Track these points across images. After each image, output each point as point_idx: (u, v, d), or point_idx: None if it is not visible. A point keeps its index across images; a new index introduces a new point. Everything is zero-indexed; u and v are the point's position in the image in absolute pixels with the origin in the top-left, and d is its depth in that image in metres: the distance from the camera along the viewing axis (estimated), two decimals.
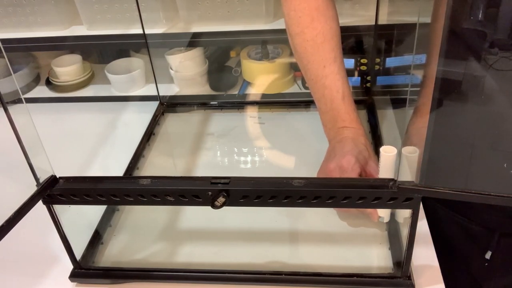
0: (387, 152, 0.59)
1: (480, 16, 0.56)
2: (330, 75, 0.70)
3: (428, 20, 0.66)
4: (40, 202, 0.55)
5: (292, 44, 0.73)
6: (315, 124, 0.76)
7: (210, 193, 0.53)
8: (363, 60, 0.97)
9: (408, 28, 0.88)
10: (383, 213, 0.66)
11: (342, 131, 0.70)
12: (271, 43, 1.04)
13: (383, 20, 0.90)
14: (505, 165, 0.55)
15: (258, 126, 0.94)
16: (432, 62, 0.59)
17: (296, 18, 0.70)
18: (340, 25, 0.73)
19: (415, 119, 0.61)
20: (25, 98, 0.52)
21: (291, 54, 1.02)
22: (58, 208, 0.58)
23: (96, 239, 0.70)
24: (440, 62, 0.57)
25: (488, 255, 0.73)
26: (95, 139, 0.96)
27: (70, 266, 0.65)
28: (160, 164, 0.87)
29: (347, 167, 0.65)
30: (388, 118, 0.91)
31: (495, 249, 0.73)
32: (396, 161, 0.60)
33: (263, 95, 1.04)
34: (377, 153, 0.77)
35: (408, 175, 0.60)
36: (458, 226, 0.75)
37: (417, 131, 0.57)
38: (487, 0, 0.56)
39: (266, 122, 0.95)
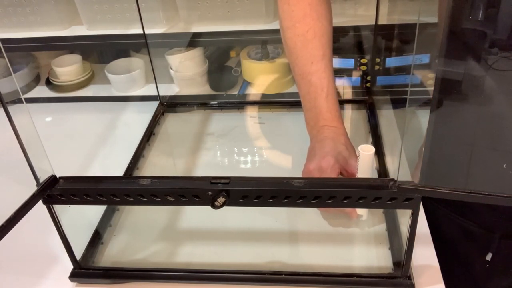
0: (365, 151, 0.60)
1: (480, 16, 0.56)
2: (317, 73, 0.70)
3: (428, 20, 0.67)
4: (40, 202, 0.55)
5: (283, 38, 0.73)
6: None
7: (210, 193, 0.53)
8: (363, 60, 0.97)
9: (408, 28, 0.88)
10: (362, 212, 0.67)
11: (323, 130, 0.70)
12: (271, 43, 1.04)
13: (383, 20, 0.90)
14: (504, 165, 0.55)
15: (258, 126, 0.94)
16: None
17: (289, 12, 0.70)
18: (340, 25, 0.73)
19: None
20: (25, 98, 0.52)
21: None
22: (58, 208, 0.58)
23: (96, 239, 0.70)
24: (441, 62, 0.57)
25: (489, 257, 0.73)
26: (95, 139, 0.96)
27: (70, 266, 0.65)
28: (160, 164, 0.87)
29: (326, 168, 0.65)
30: (388, 118, 0.91)
31: (496, 250, 0.72)
32: (374, 160, 0.60)
33: (263, 95, 1.04)
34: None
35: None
36: (459, 227, 0.75)
37: None
38: (487, 0, 0.56)
39: (266, 122, 0.95)
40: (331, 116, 0.70)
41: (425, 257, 0.63)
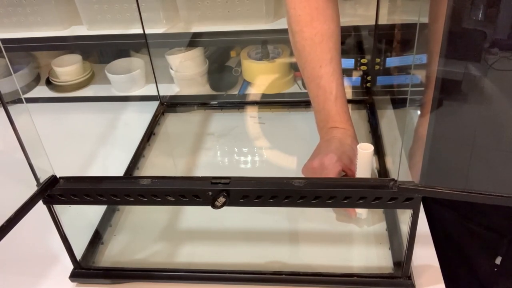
0: (364, 149, 0.60)
1: (480, 16, 0.56)
2: (325, 76, 0.71)
3: (428, 20, 0.67)
4: (40, 202, 0.55)
5: (292, 41, 0.74)
6: (315, 124, 0.76)
7: (210, 193, 0.53)
8: (363, 60, 0.97)
9: (408, 28, 0.88)
10: (362, 210, 0.67)
11: (332, 131, 0.72)
12: (271, 43, 1.04)
13: (383, 20, 0.90)
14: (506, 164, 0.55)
15: (258, 126, 0.94)
16: (432, 63, 0.59)
17: (296, 17, 0.71)
18: (341, 25, 0.73)
19: (423, 120, 0.62)
20: (25, 98, 0.52)
21: (291, 54, 1.02)
22: (58, 208, 0.58)
23: (96, 239, 0.70)
24: (441, 62, 0.57)
25: (498, 260, 0.73)
26: (95, 139, 0.96)
27: (70, 266, 0.65)
28: (160, 164, 0.87)
29: (328, 165, 0.67)
30: (388, 118, 0.91)
31: (505, 254, 0.72)
32: (373, 159, 0.60)
33: (263, 95, 1.04)
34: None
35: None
36: (466, 231, 0.74)
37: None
38: (487, 0, 0.56)
39: (266, 122, 0.95)
40: (340, 118, 0.72)
41: (425, 257, 0.63)
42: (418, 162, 0.55)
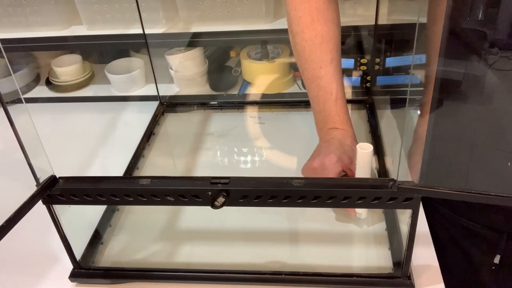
0: (363, 149, 0.60)
1: (480, 16, 0.56)
2: (326, 77, 0.71)
3: (426, 21, 0.67)
4: (40, 202, 0.55)
5: (292, 42, 0.74)
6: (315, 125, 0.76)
7: (210, 193, 0.53)
8: (363, 60, 0.97)
9: (408, 28, 0.88)
10: (361, 210, 0.67)
11: (331, 132, 0.72)
12: (271, 43, 1.04)
13: (383, 20, 0.90)
14: (509, 164, 0.55)
15: (258, 126, 0.94)
16: (432, 64, 0.59)
17: (296, 18, 0.71)
18: (341, 25, 0.73)
19: (423, 120, 0.62)
20: (25, 98, 0.53)
21: (291, 54, 1.02)
22: (58, 208, 0.58)
23: (96, 239, 0.70)
24: (440, 62, 0.57)
25: (497, 259, 0.72)
26: (95, 139, 0.96)
27: (70, 266, 0.65)
28: (160, 164, 0.87)
29: (328, 165, 0.67)
30: (388, 118, 0.91)
31: (504, 252, 0.71)
32: (372, 158, 0.60)
33: (263, 95, 1.04)
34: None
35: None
36: (462, 229, 0.74)
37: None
38: (487, 0, 0.56)
39: (266, 122, 0.95)
40: (340, 119, 0.72)
41: (425, 257, 0.63)
42: (418, 162, 0.55)
